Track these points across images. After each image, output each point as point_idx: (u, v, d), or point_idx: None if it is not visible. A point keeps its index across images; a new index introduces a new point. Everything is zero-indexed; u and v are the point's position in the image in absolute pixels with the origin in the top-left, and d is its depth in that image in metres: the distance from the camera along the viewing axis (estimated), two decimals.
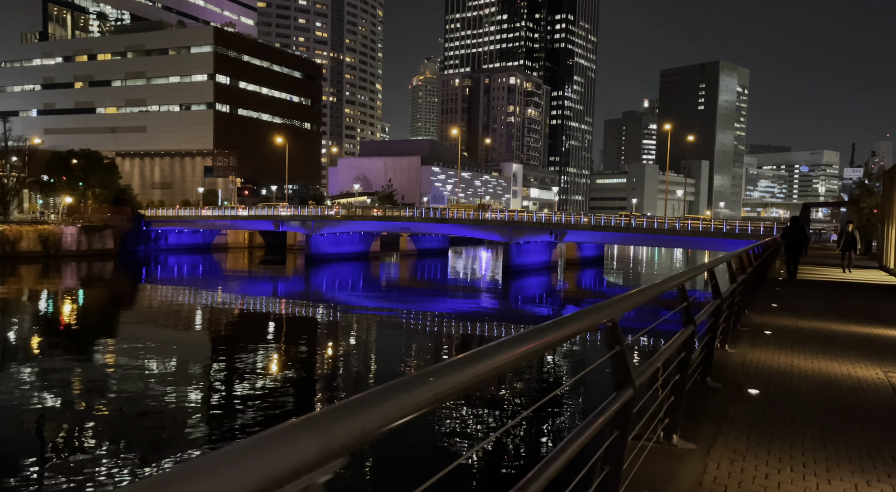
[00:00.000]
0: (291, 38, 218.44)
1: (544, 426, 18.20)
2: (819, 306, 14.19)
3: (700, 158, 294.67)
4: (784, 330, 10.66)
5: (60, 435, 16.73)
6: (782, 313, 12.63)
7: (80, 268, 62.29)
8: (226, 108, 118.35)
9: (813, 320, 11.96)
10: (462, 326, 36.68)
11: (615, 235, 61.28)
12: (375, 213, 74.42)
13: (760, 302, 14.17)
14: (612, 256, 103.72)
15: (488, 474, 14.90)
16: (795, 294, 16.75)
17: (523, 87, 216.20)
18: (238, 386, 21.66)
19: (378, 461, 14.82)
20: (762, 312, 12.64)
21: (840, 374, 7.69)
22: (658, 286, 3.81)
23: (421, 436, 16.76)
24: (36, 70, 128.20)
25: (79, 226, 69.21)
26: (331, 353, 28.21)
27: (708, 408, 6.00)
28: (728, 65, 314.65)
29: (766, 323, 11.28)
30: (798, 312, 13.02)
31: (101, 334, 32.06)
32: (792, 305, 14.05)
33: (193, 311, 40.75)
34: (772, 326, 10.94)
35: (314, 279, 61.22)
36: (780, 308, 13.52)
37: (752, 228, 54.05)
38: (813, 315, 12.67)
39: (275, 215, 77.41)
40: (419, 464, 14.88)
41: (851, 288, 19.37)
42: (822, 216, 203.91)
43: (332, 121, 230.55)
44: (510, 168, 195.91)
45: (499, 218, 64.60)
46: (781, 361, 8.22)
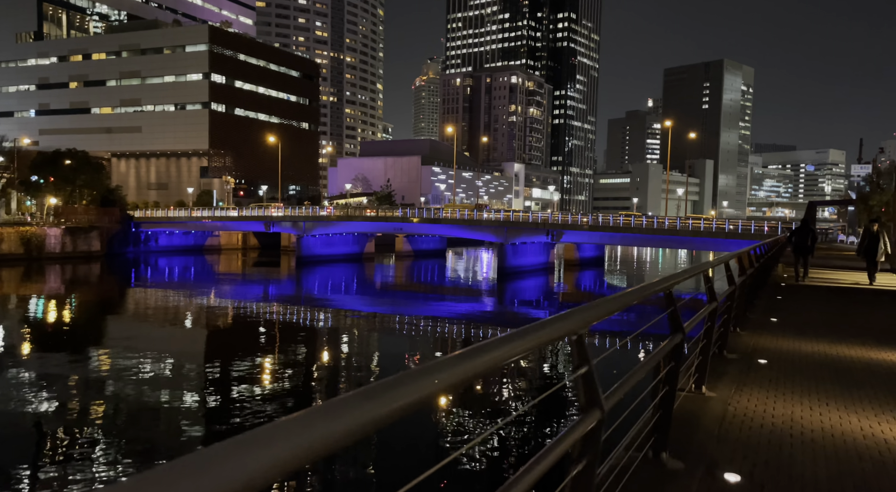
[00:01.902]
0: (291, 37, 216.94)
1: (498, 453, 16.37)
2: (829, 322, 11.79)
3: (704, 158, 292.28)
4: (784, 358, 8.36)
5: (41, 444, 16.41)
6: (783, 332, 10.31)
7: (63, 271, 60.64)
8: (221, 107, 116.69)
9: (822, 342, 9.62)
10: (448, 330, 35.39)
11: (613, 236, 59.19)
12: (368, 213, 72.54)
13: (757, 316, 11.89)
14: (614, 257, 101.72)
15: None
16: (800, 304, 14.25)
17: (525, 87, 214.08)
18: (211, 393, 20.99)
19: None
20: (758, 330, 10.34)
21: (859, 434, 5.41)
22: (634, 293, 3.33)
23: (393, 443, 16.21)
24: (31, 70, 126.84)
25: (63, 227, 67.50)
26: (309, 358, 27.25)
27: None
28: (732, 63, 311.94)
29: (762, 346, 9.03)
30: (803, 330, 10.65)
31: (73, 340, 30.66)
32: (796, 321, 11.70)
33: (172, 315, 39.26)
34: (768, 352, 8.68)
35: (304, 282, 59.92)
36: (780, 324, 11.12)
37: (756, 227, 51.96)
38: (822, 334, 10.31)
39: (264, 216, 75.70)
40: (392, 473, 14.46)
41: (867, 296, 16.46)
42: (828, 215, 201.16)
43: (332, 121, 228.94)
44: (512, 168, 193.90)
45: (493, 218, 62.61)
46: (778, 414, 5.90)
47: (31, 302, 42.44)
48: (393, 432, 16.25)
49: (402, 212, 70.47)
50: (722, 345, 8.08)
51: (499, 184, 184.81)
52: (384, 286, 59.03)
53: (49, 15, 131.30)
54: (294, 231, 73.89)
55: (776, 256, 21.10)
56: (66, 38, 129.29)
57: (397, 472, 14.95)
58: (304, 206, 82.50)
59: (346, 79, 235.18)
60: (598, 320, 2.62)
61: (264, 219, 75.66)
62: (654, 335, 26.34)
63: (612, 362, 23.94)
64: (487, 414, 19.10)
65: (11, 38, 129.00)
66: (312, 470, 14.33)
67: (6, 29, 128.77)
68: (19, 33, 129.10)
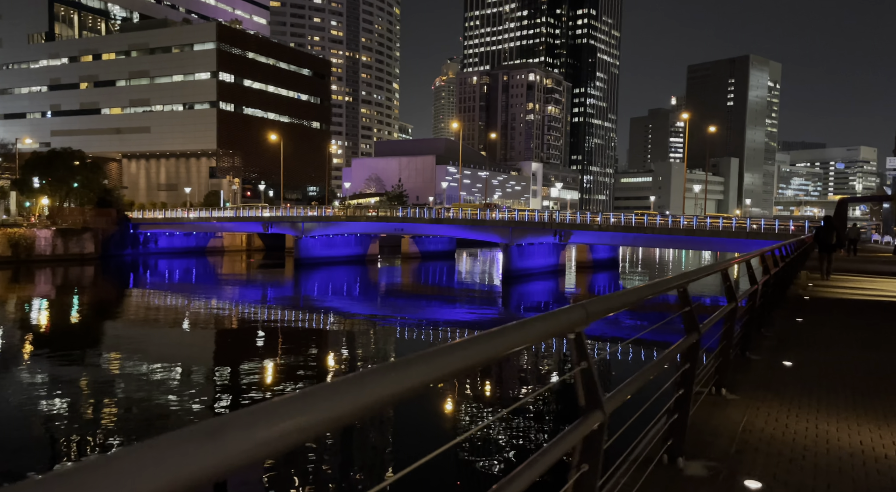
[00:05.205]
0: (306, 37, 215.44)
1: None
2: (869, 364, 7.68)
3: (730, 156, 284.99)
4: (812, 361, 7.10)
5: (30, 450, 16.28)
6: (799, 386, 6.47)
7: (53, 274, 58.60)
8: (230, 106, 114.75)
9: (855, 413, 5.64)
10: (439, 337, 32.72)
11: (626, 236, 55.22)
12: (371, 213, 69.50)
13: (764, 355, 7.88)
14: (634, 259, 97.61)
15: None
16: (828, 332, 9.96)
17: (543, 84, 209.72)
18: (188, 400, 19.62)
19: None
20: (761, 384, 6.55)
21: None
22: (645, 289, 3.15)
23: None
24: (42, 71, 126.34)
25: (53, 229, 65.47)
26: (292, 364, 25.69)
27: None
28: (759, 59, 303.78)
29: (756, 430, 5.10)
30: (830, 383, 6.65)
31: (47, 344, 29.30)
32: (819, 361, 7.72)
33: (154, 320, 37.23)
34: (768, 442, 4.80)
35: (302, 285, 57.51)
36: (796, 370, 7.17)
37: (781, 226, 47.78)
38: (859, 389, 6.42)
39: (263, 217, 73.09)
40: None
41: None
42: (859, 215, 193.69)
43: (347, 121, 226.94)
44: (529, 167, 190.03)
45: (498, 218, 59.08)
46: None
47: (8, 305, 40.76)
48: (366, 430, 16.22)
49: (404, 212, 67.32)
50: (745, 346, 7.73)
51: (516, 183, 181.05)
52: (382, 290, 56.20)
53: (60, 16, 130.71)
54: (293, 232, 71.20)
55: (801, 259, 17.60)
56: (76, 39, 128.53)
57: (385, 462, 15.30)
58: (311, 206, 79.57)
59: (362, 78, 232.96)
60: (602, 316, 2.50)
61: (262, 220, 73.08)
62: (669, 337, 23.31)
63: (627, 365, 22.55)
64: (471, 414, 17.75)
65: (23, 39, 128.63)
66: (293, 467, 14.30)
67: (18, 30, 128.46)
68: (31, 34, 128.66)
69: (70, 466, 0.70)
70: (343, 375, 8.51)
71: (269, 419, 0.97)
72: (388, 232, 69.81)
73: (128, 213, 78.77)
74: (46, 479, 0.72)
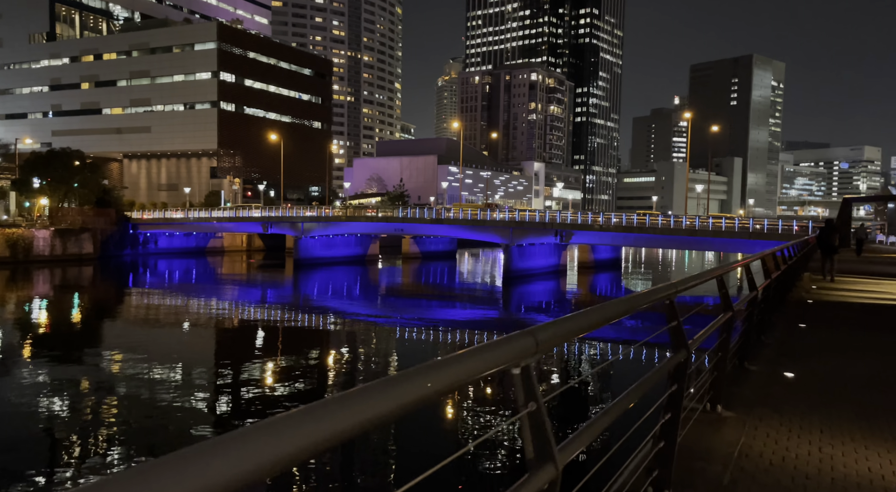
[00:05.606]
0: (308, 37, 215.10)
1: None
2: (878, 375, 7.15)
3: (733, 156, 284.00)
4: (816, 373, 6.65)
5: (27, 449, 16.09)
6: (800, 402, 6.01)
7: (51, 274, 58.29)
8: (231, 106, 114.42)
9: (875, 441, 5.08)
10: (432, 338, 32.30)
11: (627, 236, 54.73)
12: (370, 213, 69.09)
13: (763, 366, 7.40)
14: (638, 259, 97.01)
15: None
16: (834, 340, 9.36)
17: (545, 84, 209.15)
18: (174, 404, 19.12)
19: None
20: (760, 399, 6.05)
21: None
22: (621, 303, 2.72)
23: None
24: (43, 71, 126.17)
25: (52, 229, 65.17)
26: (286, 368, 25.10)
27: None
28: (762, 59, 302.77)
29: (753, 454, 4.63)
30: (835, 398, 6.18)
31: (42, 344, 29.18)
32: (823, 373, 7.20)
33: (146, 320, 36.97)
34: (766, 470, 4.34)
35: (300, 286, 57.23)
36: (797, 383, 6.70)
37: (784, 226, 47.23)
38: (869, 410, 5.80)
39: (262, 217, 72.70)
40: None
41: None
42: (864, 214, 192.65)
43: (349, 121, 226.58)
44: (532, 167, 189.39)
45: (498, 218, 58.61)
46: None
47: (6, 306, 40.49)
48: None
49: (404, 212, 66.89)
50: (743, 355, 7.29)
51: (518, 183, 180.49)
52: (382, 290, 55.84)
53: (62, 16, 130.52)
54: (292, 232, 70.82)
55: (804, 261, 17.05)
56: (77, 39, 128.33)
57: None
58: (312, 206, 79.16)
59: (364, 78, 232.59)
60: (557, 345, 2.08)
61: (261, 220, 72.69)
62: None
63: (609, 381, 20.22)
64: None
65: (25, 39, 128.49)
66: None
67: (19, 30, 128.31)
68: (32, 34, 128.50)
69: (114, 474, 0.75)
70: (335, 380, 7.80)
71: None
72: (388, 232, 69.41)
73: (127, 213, 78.52)
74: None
